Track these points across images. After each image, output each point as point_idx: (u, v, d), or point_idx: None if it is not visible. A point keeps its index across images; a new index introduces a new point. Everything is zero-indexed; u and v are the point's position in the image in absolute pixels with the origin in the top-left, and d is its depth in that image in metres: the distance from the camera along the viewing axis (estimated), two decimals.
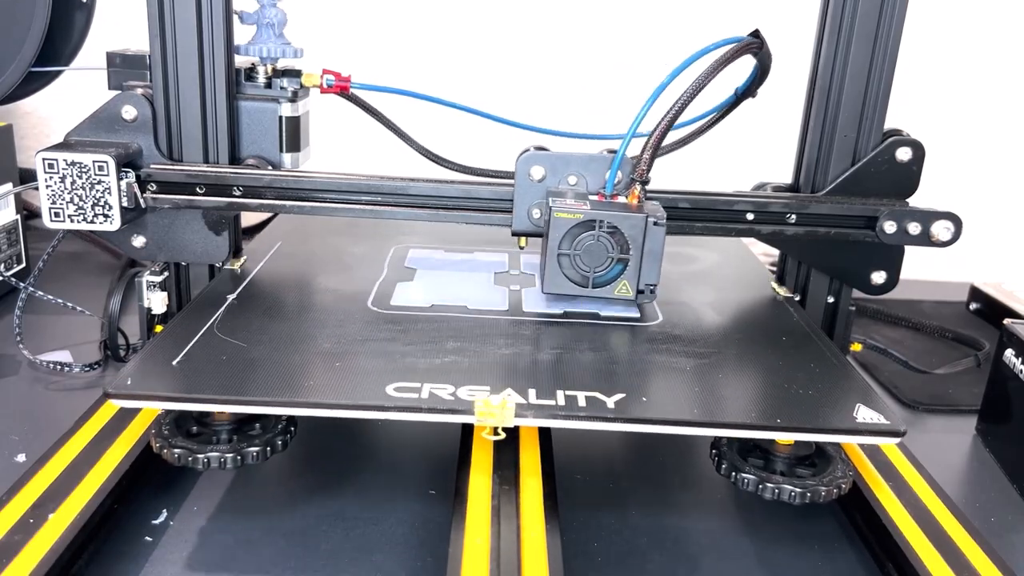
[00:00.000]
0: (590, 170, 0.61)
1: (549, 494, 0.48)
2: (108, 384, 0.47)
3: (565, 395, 0.49)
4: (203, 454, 0.48)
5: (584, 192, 0.61)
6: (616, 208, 0.58)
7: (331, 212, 0.63)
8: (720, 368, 0.54)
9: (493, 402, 0.47)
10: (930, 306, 0.93)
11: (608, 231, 0.58)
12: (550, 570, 0.42)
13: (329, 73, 0.65)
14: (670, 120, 0.59)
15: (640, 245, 0.58)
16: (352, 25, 1.07)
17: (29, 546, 0.43)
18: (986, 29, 1.06)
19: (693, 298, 0.66)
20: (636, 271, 0.59)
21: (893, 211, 0.63)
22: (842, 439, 0.50)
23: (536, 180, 0.61)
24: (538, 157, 0.61)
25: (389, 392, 0.48)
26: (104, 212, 0.60)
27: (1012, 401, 0.64)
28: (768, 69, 0.65)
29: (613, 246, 0.58)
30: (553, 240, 0.58)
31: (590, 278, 0.59)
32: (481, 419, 0.47)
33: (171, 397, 0.47)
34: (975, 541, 0.49)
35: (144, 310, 0.64)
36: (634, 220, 0.58)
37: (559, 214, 0.58)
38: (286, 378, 0.49)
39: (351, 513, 0.53)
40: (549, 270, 0.59)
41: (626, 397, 0.49)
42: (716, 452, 0.51)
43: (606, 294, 0.59)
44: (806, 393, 0.51)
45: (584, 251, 0.58)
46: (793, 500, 0.48)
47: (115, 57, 0.62)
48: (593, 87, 1.07)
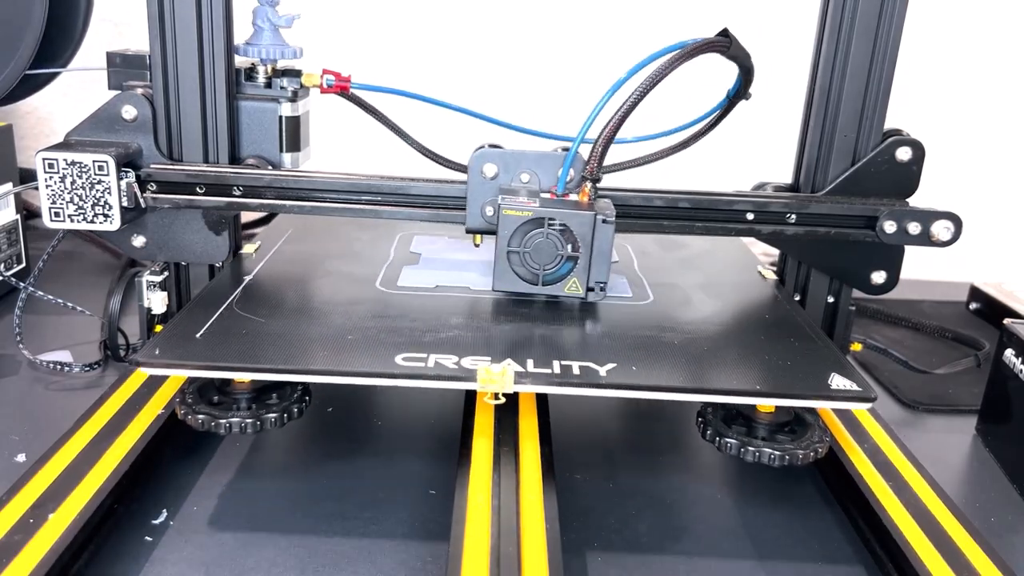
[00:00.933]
0: (543, 168, 0.61)
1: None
2: (137, 354, 0.50)
3: (560, 364, 0.52)
4: (225, 419, 0.51)
5: (537, 190, 0.61)
6: (566, 206, 0.59)
7: (331, 212, 0.63)
8: (706, 342, 0.57)
9: (494, 370, 0.50)
10: (930, 306, 0.93)
11: (558, 229, 0.58)
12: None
13: (329, 73, 0.65)
14: (620, 118, 0.58)
15: (589, 243, 0.58)
16: (352, 25, 1.07)
17: (29, 546, 0.43)
18: (986, 29, 1.06)
19: (682, 280, 0.69)
20: (586, 269, 0.59)
21: (893, 211, 0.63)
22: (817, 404, 0.53)
23: (489, 177, 0.61)
24: (490, 155, 0.61)
25: (398, 361, 0.51)
26: (104, 212, 0.60)
27: (1012, 401, 0.64)
28: (749, 68, 0.64)
29: (562, 244, 0.58)
30: (503, 237, 0.59)
31: (540, 275, 0.59)
32: (483, 385, 0.50)
33: (197, 365, 0.50)
34: (975, 541, 0.49)
35: (144, 310, 0.64)
36: (583, 218, 0.58)
37: (508, 211, 0.58)
38: (302, 349, 0.52)
39: (352, 513, 0.53)
40: (498, 267, 0.60)
41: (617, 367, 0.52)
42: (701, 420, 0.54)
43: (556, 291, 0.60)
44: (785, 364, 0.54)
45: (533, 249, 0.59)
46: (772, 463, 0.51)
47: (115, 57, 0.62)
48: (591, 89, 1.07)
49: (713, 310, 0.63)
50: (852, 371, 0.53)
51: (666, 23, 1.06)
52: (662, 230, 0.64)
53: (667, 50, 0.58)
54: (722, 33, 0.61)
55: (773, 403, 0.53)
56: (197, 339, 0.52)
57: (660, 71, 0.57)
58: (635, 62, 0.58)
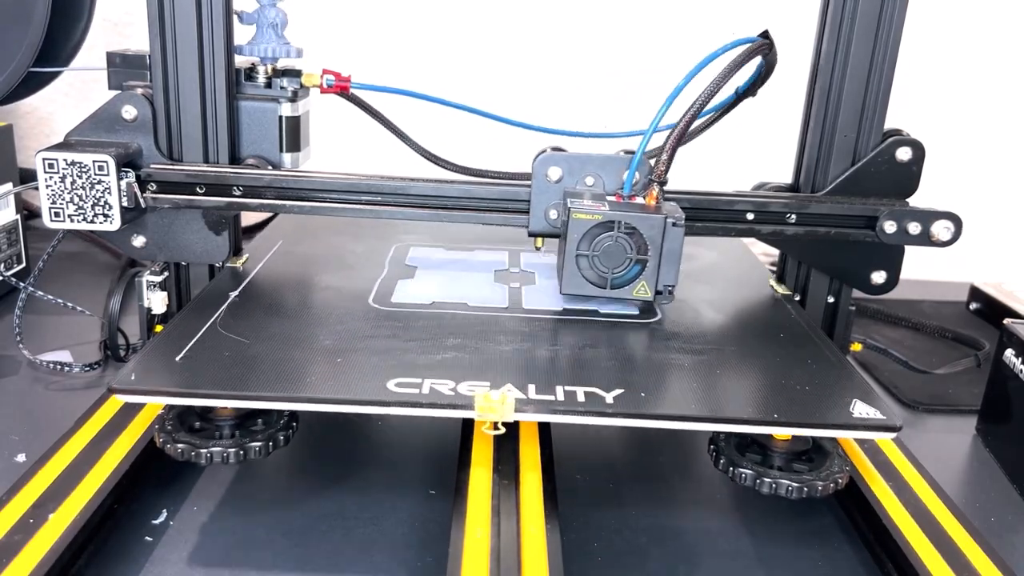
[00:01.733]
0: (607, 171, 0.61)
1: (549, 490, 0.48)
2: (112, 380, 0.47)
3: (564, 390, 0.49)
4: (206, 449, 0.48)
5: (601, 193, 0.61)
6: (634, 209, 0.58)
7: (331, 212, 0.63)
8: (718, 364, 0.54)
9: (493, 397, 0.47)
10: (930, 306, 0.93)
11: (626, 232, 0.58)
12: (550, 567, 0.42)
13: (329, 73, 0.65)
14: (687, 121, 0.59)
15: (659, 246, 0.58)
16: (352, 25, 1.06)
17: (29, 546, 0.43)
18: (986, 29, 1.06)
19: (691, 296, 0.66)
20: (655, 272, 0.58)
21: (893, 211, 0.63)
22: (838, 434, 0.50)
23: (553, 181, 0.61)
24: (556, 158, 0.61)
25: (390, 387, 0.48)
26: (104, 212, 0.60)
27: (1012, 401, 0.64)
28: (773, 69, 0.65)
29: (631, 247, 0.58)
30: (572, 241, 0.58)
31: (608, 279, 0.59)
32: (481, 414, 0.47)
33: (174, 392, 0.47)
34: (975, 541, 0.48)
35: (144, 310, 0.64)
36: (653, 221, 0.57)
37: (578, 215, 0.58)
38: (288, 374, 0.49)
39: (351, 513, 0.53)
40: (567, 271, 0.59)
41: (624, 393, 0.49)
42: (714, 448, 0.51)
43: (624, 295, 0.59)
44: (803, 389, 0.51)
45: (603, 252, 0.58)
46: (790, 495, 0.49)
47: (115, 57, 0.62)
48: (592, 86, 1.07)
49: (724, 328, 0.61)
50: (875, 397, 0.50)
51: (666, 24, 1.06)
52: None
53: (716, 54, 0.59)
54: (763, 35, 0.62)
55: (791, 432, 0.50)
56: (176, 362, 0.50)
57: (720, 78, 0.59)
58: (690, 67, 0.59)
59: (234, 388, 0.47)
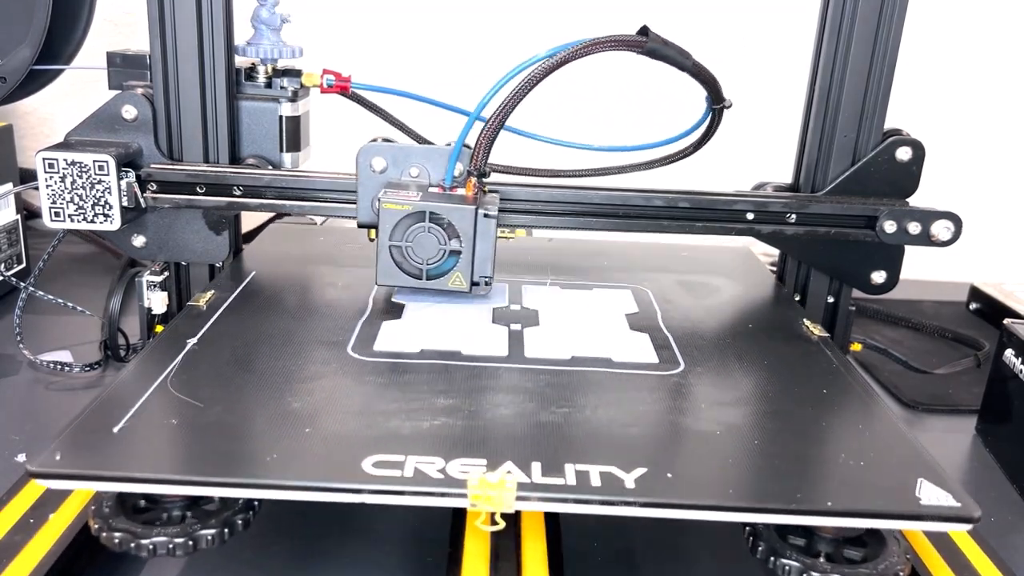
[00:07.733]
0: (431, 162, 0.61)
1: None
2: (31, 461, 0.40)
3: (576, 470, 0.41)
4: (148, 539, 0.40)
5: (426, 184, 0.61)
6: (449, 200, 0.58)
7: (331, 212, 0.63)
8: (755, 432, 0.47)
9: (490, 480, 0.39)
10: (930, 306, 0.93)
11: (440, 223, 0.58)
12: None
13: (329, 73, 0.65)
14: (505, 111, 0.58)
15: (471, 237, 0.58)
16: (352, 25, 1.07)
17: (29, 546, 0.43)
18: (986, 29, 1.06)
19: (716, 337, 0.59)
20: (469, 263, 0.58)
21: (893, 211, 0.63)
22: (905, 525, 0.42)
23: (377, 171, 0.61)
24: (378, 148, 0.61)
25: (366, 468, 0.40)
26: (104, 212, 0.60)
27: (1012, 401, 0.64)
28: (685, 68, 0.62)
29: (445, 238, 0.58)
30: (384, 231, 0.58)
31: (424, 270, 0.59)
32: (476, 503, 0.39)
33: (106, 477, 0.40)
34: (975, 541, 0.48)
35: (144, 310, 0.64)
36: (464, 212, 0.57)
37: (388, 205, 0.57)
38: (245, 450, 0.42)
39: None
40: (381, 261, 0.59)
41: (648, 472, 0.41)
42: (751, 531, 0.44)
43: (440, 286, 0.59)
44: (856, 464, 0.44)
45: (416, 243, 0.58)
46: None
47: (115, 57, 0.63)
48: (591, 89, 1.07)
49: (757, 383, 0.53)
50: (944, 476, 0.42)
51: (667, 25, 1.06)
52: (662, 230, 0.64)
53: (565, 46, 0.57)
54: (641, 31, 0.59)
55: (846, 524, 0.42)
56: (114, 435, 0.42)
57: (546, 69, 0.56)
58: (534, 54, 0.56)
59: (177, 471, 0.40)
